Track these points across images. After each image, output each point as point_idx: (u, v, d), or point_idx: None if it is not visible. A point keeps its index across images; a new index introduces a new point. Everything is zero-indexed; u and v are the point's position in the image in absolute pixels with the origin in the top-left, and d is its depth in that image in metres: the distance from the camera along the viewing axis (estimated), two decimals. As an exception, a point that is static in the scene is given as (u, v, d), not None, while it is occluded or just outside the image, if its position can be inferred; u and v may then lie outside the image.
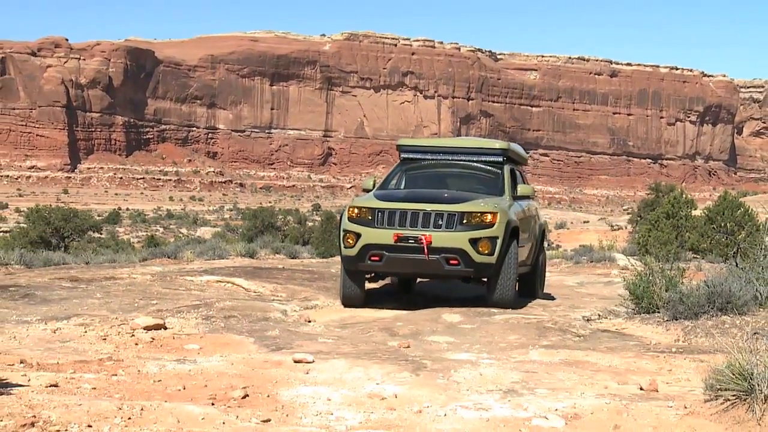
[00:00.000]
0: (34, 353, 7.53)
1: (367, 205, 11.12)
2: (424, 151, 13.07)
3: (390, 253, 10.71)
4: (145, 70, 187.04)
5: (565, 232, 52.55)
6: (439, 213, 10.77)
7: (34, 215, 28.36)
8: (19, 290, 11.84)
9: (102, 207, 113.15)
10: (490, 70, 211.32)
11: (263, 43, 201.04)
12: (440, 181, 12.63)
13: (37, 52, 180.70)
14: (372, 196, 11.68)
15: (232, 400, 5.87)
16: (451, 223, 10.74)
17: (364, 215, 11.02)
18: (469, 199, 11.22)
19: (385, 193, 11.90)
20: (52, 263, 17.31)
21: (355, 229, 10.97)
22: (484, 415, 5.62)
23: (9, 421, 4.81)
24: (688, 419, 5.43)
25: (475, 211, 10.85)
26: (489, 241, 10.71)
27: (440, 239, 10.64)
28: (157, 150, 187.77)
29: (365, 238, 10.83)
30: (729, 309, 9.19)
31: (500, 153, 12.64)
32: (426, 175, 12.95)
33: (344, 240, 11.08)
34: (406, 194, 11.61)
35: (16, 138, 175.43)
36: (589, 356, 7.84)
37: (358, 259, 10.90)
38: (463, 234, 10.70)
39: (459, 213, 10.79)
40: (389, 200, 11.23)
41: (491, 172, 12.55)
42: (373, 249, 10.79)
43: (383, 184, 12.60)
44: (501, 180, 12.30)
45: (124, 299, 11.23)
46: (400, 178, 12.83)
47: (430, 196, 11.36)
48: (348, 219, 11.16)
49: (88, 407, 5.32)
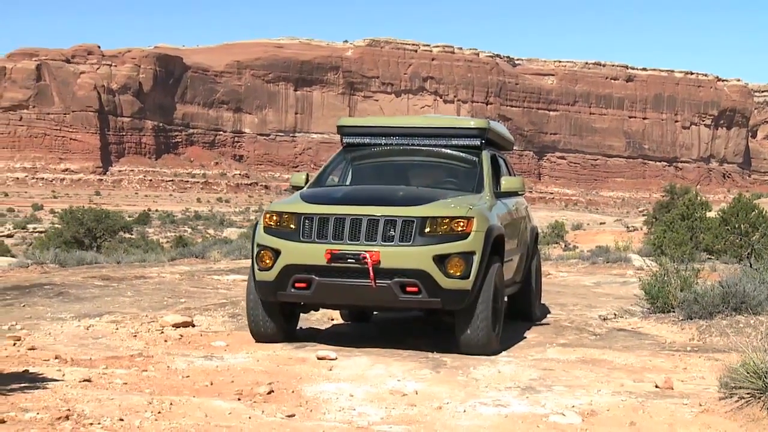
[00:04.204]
0: (69, 349, 7.59)
1: (289, 210, 7.84)
2: (374, 133, 9.41)
3: (321, 277, 7.51)
4: (174, 75, 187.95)
5: (581, 233, 52.30)
6: (390, 219, 7.51)
7: (67, 216, 28.51)
8: (54, 288, 11.92)
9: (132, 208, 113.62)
10: (509, 75, 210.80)
11: (288, 50, 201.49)
12: (397, 175, 9.29)
13: (71, 59, 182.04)
14: (298, 196, 8.35)
15: (258, 395, 5.89)
16: (408, 233, 7.47)
17: (285, 224, 7.75)
18: (433, 199, 7.93)
19: (317, 192, 8.49)
20: (85, 262, 17.41)
21: (273, 243, 7.72)
22: (502, 411, 5.62)
23: (45, 414, 4.85)
24: (702, 416, 5.40)
25: (441, 216, 7.57)
26: (462, 259, 7.47)
27: (392, 257, 7.40)
28: (186, 153, 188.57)
29: (286, 256, 7.62)
30: (743, 309, 9.13)
31: (477, 134, 9.09)
32: (377, 167, 9.67)
33: (258, 259, 7.84)
34: (344, 194, 8.36)
35: (50, 142, 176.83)
36: (606, 354, 7.82)
37: (277, 285, 7.68)
38: (425, 249, 7.43)
39: (419, 219, 7.51)
40: (320, 202, 7.96)
41: (465, 160, 9.16)
42: (297, 272, 7.59)
43: (318, 180, 9.13)
44: (478, 171, 8.89)
45: (153, 297, 11.30)
46: (343, 171, 9.47)
47: (379, 195, 8.11)
48: (264, 230, 7.89)
49: (120, 401, 5.35)
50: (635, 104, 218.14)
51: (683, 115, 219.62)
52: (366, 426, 5.19)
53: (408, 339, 8.47)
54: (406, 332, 9.02)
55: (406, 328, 9.40)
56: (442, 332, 8.68)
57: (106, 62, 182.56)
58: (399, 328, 9.39)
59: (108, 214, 29.54)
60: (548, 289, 14.48)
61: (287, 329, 8.24)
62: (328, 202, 7.96)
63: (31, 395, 5.31)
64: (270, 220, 7.85)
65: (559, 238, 42.43)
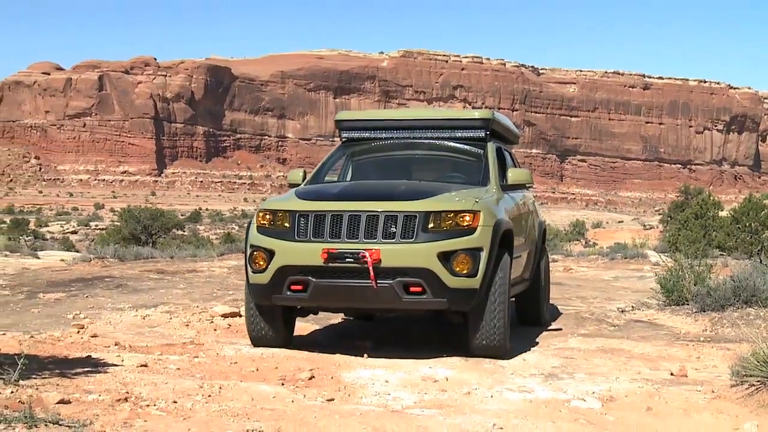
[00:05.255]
0: (127, 337, 7.65)
1: (283, 208, 6.89)
2: (374, 127, 8.41)
3: (318, 279, 6.56)
4: (223, 85, 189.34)
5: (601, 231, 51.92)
6: (391, 215, 6.54)
7: (126, 215, 28.73)
8: (113, 281, 12.04)
9: (185, 207, 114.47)
10: (533, 83, 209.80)
11: (328, 60, 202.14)
12: (399, 170, 8.32)
13: (130, 71, 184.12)
14: (292, 193, 7.37)
15: (300, 381, 5.90)
16: (411, 229, 6.50)
17: (279, 223, 6.80)
18: (436, 192, 6.93)
19: (312, 188, 7.54)
20: (142, 257, 17.56)
21: (267, 244, 6.78)
22: (527, 396, 5.59)
23: (106, 396, 4.89)
24: (715, 402, 5.35)
25: (446, 210, 6.61)
26: (469, 256, 6.52)
27: (394, 255, 6.43)
28: (233, 156, 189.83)
29: (281, 257, 6.67)
30: (753, 302, 9.04)
31: (481, 125, 8.12)
32: (378, 162, 8.63)
33: (252, 261, 6.90)
34: (341, 189, 7.34)
35: (111, 146, 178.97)
36: (624, 344, 7.75)
37: (271, 288, 6.74)
38: (429, 246, 6.46)
39: (422, 214, 6.54)
40: (317, 198, 7.00)
41: (470, 153, 8.18)
42: (292, 273, 6.64)
43: (315, 176, 8.17)
44: (483, 163, 7.91)
45: (204, 290, 11.37)
46: (343, 167, 8.53)
47: (378, 190, 7.20)
48: (257, 229, 6.95)
49: (174, 385, 5.38)
50: (652, 110, 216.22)
51: (697, 121, 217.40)
52: (400, 409, 5.19)
53: (437, 331, 8.45)
54: (436, 324, 9.00)
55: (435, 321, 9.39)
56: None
57: (162, 73, 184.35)
58: (427, 321, 9.38)
59: (162, 213, 29.73)
60: (569, 283, 14.40)
61: (287, 334, 7.28)
62: (325, 198, 6.97)
63: (93, 379, 5.37)
64: (263, 219, 6.90)
65: (580, 236, 42.12)
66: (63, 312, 9.18)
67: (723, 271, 12.26)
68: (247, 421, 4.63)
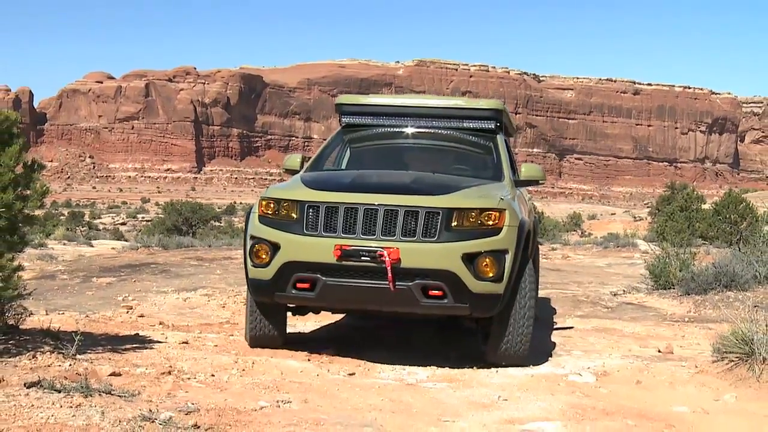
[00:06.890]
0: (170, 317, 7.69)
1: (290, 197, 5.62)
2: (376, 113, 7.03)
3: (328, 277, 5.38)
4: (255, 91, 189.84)
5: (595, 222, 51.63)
6: (411, 210, 5.37)
7: (169, 208, 28.83)
8: (158, 267, 12.09)
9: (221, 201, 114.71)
10: (534, 89, 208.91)
11: (349, 69, 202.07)
12: (400, 160, 7.02)
13: (173, 79, 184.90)
14: (298, 180, 6.04)
15: (325, 357, 5.90)
16: (433, 227, 5.34)
17: (285, 213, 5.56)
18: (458, 187, 5.74)
19: (320, 176, 6.21)
20: (183, 246, 17.64)
21: (271, 236, 5.55)
22: (529, 371, 5.57)
23: (152, 369, 4.92)
24: (698, 376, 5.32)
25: (470, 208, 5.42)
26: (494, 258, 5.36)
27: (414, 255, 5.28)
28: (265, 155, 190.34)
29: (287, 251, 5.46)
30: (733, 286, 9.00)
31: (492, 116, 6.87)
32: (379, 150, 7.34)
33: (253, 254, 5.64)
34: (355, 178, 5.95)
35: (156, 147, 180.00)
36: (616, 324, 7.72)
37: (274, 285, 5.53)
38: (453, 246, 5.31)
39: (445, 210, 5.37)
40: (328, 188, 5.70)
41: (479, 145, 6.90)
42: (299, 270, 5.44)
43: (316, 163, 6.78)
44: (495, 157, 6.70)
45: (238, 275, 11.38)
46: (340, 153, 7.17)
47: (397, 181, 5.88)
48: (259, 219, 5.70)
49: (211, 360, 5.40)
50: (641, 114, 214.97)
51: (682, 123, 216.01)
52: (414, 383, 5.18)
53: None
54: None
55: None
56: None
57: (201, 81, 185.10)
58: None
59: (201, 206, 29.81)
60: (567, 269, 14.35)
61: (285, 334, 6.15)
62: (336, 188, 5.66)
63: (140, 354, 5.39)
64: (267, 208, 5.63)
65: (576, 227, 41.91)
66: (114, 294, 9.23)
67: (705, 258, 12.18)
68: (277, 392, 4.64)
